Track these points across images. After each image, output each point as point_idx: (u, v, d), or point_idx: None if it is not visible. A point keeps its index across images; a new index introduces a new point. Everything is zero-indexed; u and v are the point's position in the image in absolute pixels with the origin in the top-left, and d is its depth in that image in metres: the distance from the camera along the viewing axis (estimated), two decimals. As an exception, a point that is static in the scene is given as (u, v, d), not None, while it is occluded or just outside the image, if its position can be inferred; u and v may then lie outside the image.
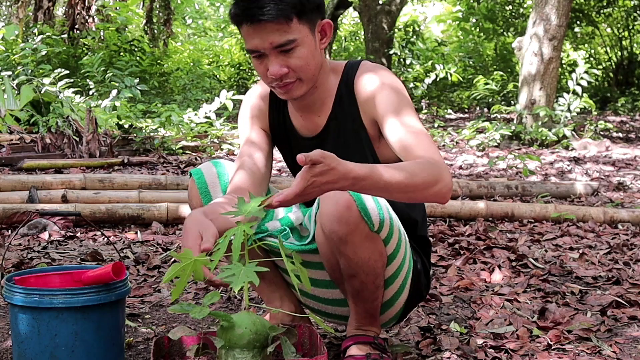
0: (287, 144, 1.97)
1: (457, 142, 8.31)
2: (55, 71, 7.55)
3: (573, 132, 8.38)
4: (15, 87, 7.18)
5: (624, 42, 14.87)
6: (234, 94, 7.81)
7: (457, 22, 15.55)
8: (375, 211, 1.68)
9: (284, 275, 2.00)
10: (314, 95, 1.85)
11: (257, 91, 2.00)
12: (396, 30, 13.72)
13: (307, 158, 1.37)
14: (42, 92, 6.94)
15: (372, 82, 1.81)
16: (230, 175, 1.90)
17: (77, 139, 6.06)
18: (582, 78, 8.69)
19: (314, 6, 1.72)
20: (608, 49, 15.07)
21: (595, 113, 11.86)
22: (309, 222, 1.87)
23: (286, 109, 1.95)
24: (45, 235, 3.47)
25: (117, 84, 8.95)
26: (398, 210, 1.81)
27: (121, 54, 10.80)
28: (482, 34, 14.89)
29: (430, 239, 3.53)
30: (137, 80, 9.01)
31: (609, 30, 14.90)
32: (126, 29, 12.19)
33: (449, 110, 12.51)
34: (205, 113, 7.71)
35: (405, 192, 1.53)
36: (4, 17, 17.45)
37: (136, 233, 3.62)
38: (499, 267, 3.00)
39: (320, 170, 1.39)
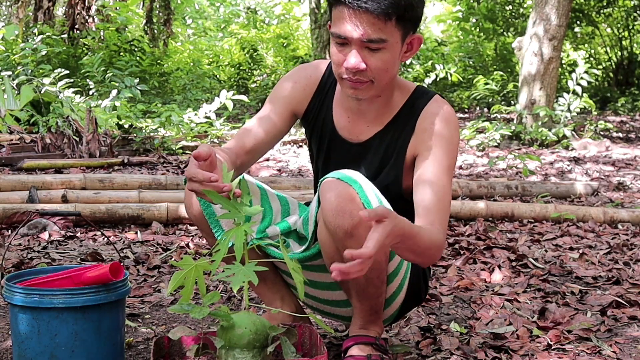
0: (320, 138, 1.93)
1: (457, 142, 8.30)
2: (55, 71, 7.55)
3: (573, 132, 8.38)
4: (15, 87, 7.17)
5: (624, 42, 14.87)
6: (234, 94, 7.81)
7: (457, 22, 15.54)
8: (377, 204, 1.68)
9: (284, 277, 2.00)
10: (373, 104, 1.82)
11: (310, 72, 1.93)
12: (396, 30, 13.70)
13: (371, 215, 1.40)
14: (42, 92, 6.94)
15: (437, 121, 1.80)
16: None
17: (77, 139, 6.06)
18: (582, 78, 8.69)
19: (413, 16, 1.69)
20: (608, 49, 15.07)
21: (595, 113, 11.86)
22: (304, 226, 1.87)
23: (331, 102, 1.90)
24: (45, 235, 3.47)
25: (117, 84, 8.94)
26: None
27: (121, 54, 10.80)
28: (482, 34, 14.89)
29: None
30: (137, 80, 9.01)
31: (609, 30, 14.90)
32: (126, 29, 12.19)
33: (449, 110, 12.50)
34: (205, 113, 7.71)
35: (420, 255, 1.64)
36: (4, 17, 17.45)
37: (136, 233, 3.62)
38: (499, 267, 3.00)
39: (389, 230, 1.42)
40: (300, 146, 7.83)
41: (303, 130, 2.08)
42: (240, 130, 1.90)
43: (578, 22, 14.09)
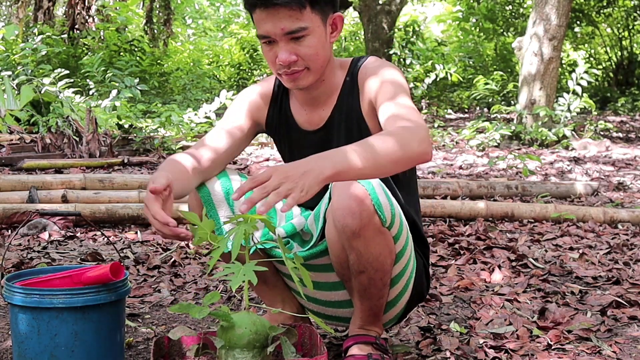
0: (288, 140, 1.98)
1: (457, 142, 8.31)
2: (55, 71, 7.55)
3: (573, 132, 8.38)
4: (15, 87, 7.17)
5: (624, 42, 14.87)
6: (233, 94, 7.81)
7: (457, 22, 15.55)
8: (388, 206, 1.68)
9: (285, 280, 2.01)
10: (319, 88, 1.87)
11: (257, 89, 2.01)
12: (396, 30, 13.71)
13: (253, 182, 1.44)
14: (42, 92, 6.94)
15: (374, 72, 1.84)
16: (232, 183, 1.90)
17: (77, 139, 6.06)
18: (582, 78, 8.69)
19: None
20: (608, 49, 15.07)
21: (595, 113, 11.86)
22: (314, 222, 1.87)
23: (288, 105, 1.96)
24: (45, 235, 3.47)
25: (117, 84, 8.94)
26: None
27: (121, 54, 10.80)
28: (482, 34, 14.89)
29: (431, 239, 3.53)
30: (137, 80, 9.01)
31: (609, 30, 14.90)
32: (126, 29, 12.19)
33: (449, 110, 12.51)
34: (205, 113, 7.71)
35: (390, 155, 1.56)
36: (4, 17, 17.45)
37: (136, 233, 3.62)
38: (499, 267, 3.00)
39: (268, 174, 1.44)
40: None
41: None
42: (205, 139, 1.95)
43: (578, 22, 14.09)
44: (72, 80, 7.83)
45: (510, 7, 14.41)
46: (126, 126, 6.96)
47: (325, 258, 1.82)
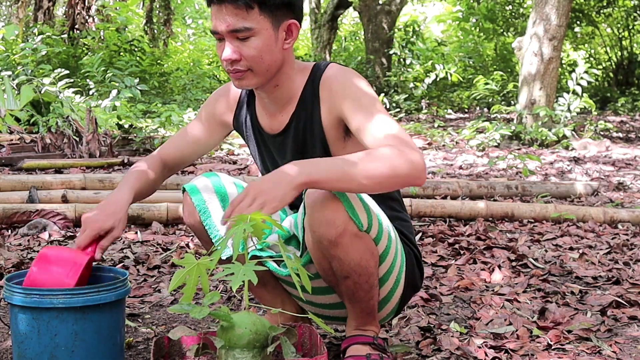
0: (255, 141, 1.99)
1: (457, 142, 8.31)
2: (55, 71, 7.54)
3: (573, 132, 8.38)
4: (15, 87, 7.16)
5: (624, 42, 14.87)
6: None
7: (457, 22, 15.56)
8: (363, 210, 1.68)
9: (284, 286, 2.01)
10: (275, 93, 1.85)
11: (227, 90, 2.04)
12: (396, 30, 13.72)
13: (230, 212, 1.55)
14: (42, 92, 6.94)
15: (339, 82, 1.80)
16: (226, 187, 1.91)
17: (77, 139, 6.06)
18: (582, 78, 8.68)
19: (279, 3, 1.72)
20: (608, 49, 15.07)
21: (595, 113, 11.86)
22: (296, 230, 1.87)
23: (254, 107, 1.97)
24: (45, 235, 3.47)
25: (117, 84, 8.94)
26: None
27: (121, 54, 10.79)
28: (482, 34, 14.89)
29: (431, 238, 3.53)
30: (137, 80, 9.00)
31: (609, 30, 14.90)
32: (126, 29, 12.17)
33: (449, 110, 12.51)
34: (205, 113, 7.70)
35: (371, 178, 1.59)
36: (4, 17, 17.45)
37: (136, 233, 3.62)
38: (499, 267, 3.00)
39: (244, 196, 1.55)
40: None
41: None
42: (175, 136, 2.06)
43: (578, 22, 14.09)
44: (72, 80, 7.83)
45: (510, 7, 14.41)
46: (126, 126, 6.96)
47: (312, 267, 1.82)
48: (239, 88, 1.84)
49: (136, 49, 11.20)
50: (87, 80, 9.52)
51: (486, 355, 2.00)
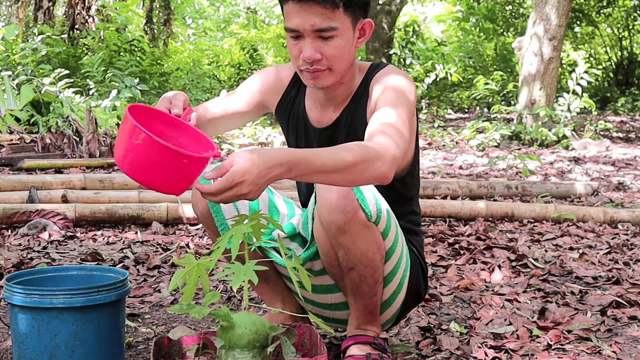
0: (296, 131, 1.97)
1: (457, 142, 8.31)
2: (55, 71, 7.54)
3: (573, 132, 8.38)
4: (15, 87, 7.17)
5: (624, 42, 14.86)
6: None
7: (457, 22, 15.55)
8: (373, 201, 1.69)
9: (285, 281, 2.01)
10: (337, 90, 1.86)
11: (276, 73, 1.99)
12: (396, 30, 13.71)
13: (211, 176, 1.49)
14: (42, 92, 6.94)
15: (384, 81, 1.82)
16: None
17: (77, 139, 6.05)
18: (582, 78, 8.69)
19: (361, 2, 1.74)
20: (608, 49, 15.07)
21: (595, 113, 11.86)
22: (304, 227, 1.88)
23: (303, 98, 1.95)
24: (45, 235, 3.47)
25: (117, 84, 8.93)
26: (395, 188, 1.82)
27: (121, 54, 10.79)
28: (482, 34, 14.88)
29: (431, 238, 3.53)
30: (137, 80, 9.00)
31: (609, 30, 14.90)
32: (126, 29, 12.17)
33: (449, 110, 12.51)
34: (205, 113, 7.70)
35: (340, 172, 1.52)
36: (4, 17, 17.45)
37: (136, 233, 3.62)
38: (499, 267, 3.00)
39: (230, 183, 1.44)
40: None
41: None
42: (210, 102, 2.02)
43: (578, 22, 14.09)
44: (72, 80, 7.83)
45: (510, 7, 14.41)
46: (126, 126, 6.94)
47: (318, 262, 1.82)
48: (313, 87, 1.82)
49: (136, 49, 11.19)
50: (87, 80, 9.51)
51: (486, 355, 2.00)
